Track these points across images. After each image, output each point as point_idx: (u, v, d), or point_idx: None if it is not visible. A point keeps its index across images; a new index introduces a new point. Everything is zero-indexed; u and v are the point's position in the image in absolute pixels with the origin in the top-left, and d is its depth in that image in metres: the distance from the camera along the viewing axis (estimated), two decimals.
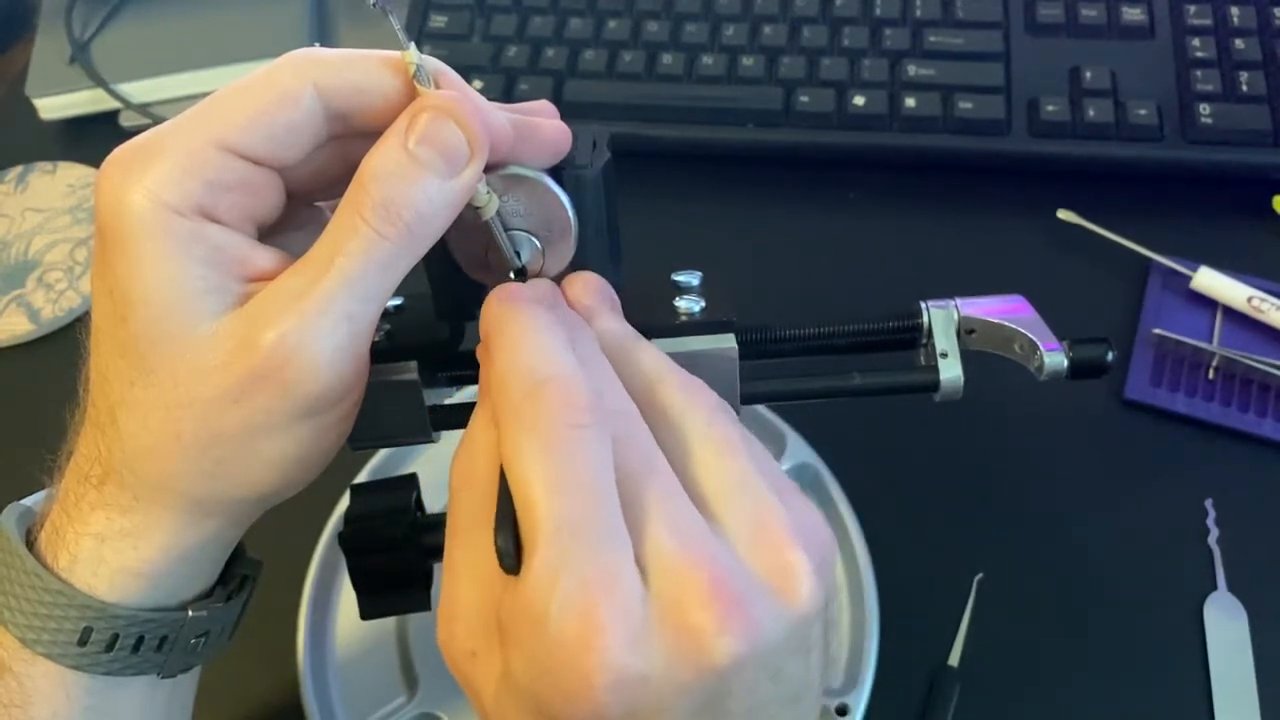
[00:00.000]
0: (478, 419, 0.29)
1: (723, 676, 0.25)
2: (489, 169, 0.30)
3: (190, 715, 0.37)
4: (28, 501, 0.34)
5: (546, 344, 0.28)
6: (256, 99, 0.28)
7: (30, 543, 0.32)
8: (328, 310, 0.28)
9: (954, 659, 0.48)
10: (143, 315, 0.28)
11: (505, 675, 0.26)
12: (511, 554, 0.26)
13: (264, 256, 0.29)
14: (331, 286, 0.28)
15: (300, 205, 0.32)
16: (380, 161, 0.28)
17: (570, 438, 0.26)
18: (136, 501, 0.30)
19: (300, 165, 0.30)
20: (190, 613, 0.33)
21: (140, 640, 0.32)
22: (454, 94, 0.29)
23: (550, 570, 0.25)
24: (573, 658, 0.24)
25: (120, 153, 0.28)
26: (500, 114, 0.30)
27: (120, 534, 0.31)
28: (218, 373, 0.28)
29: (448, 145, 0.28)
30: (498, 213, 0.31)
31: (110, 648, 0.31)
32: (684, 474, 0.28)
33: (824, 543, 0.27)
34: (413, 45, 0.28)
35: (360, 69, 0.29)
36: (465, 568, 0.27)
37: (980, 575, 0.50)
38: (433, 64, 0.29)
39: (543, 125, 0.31)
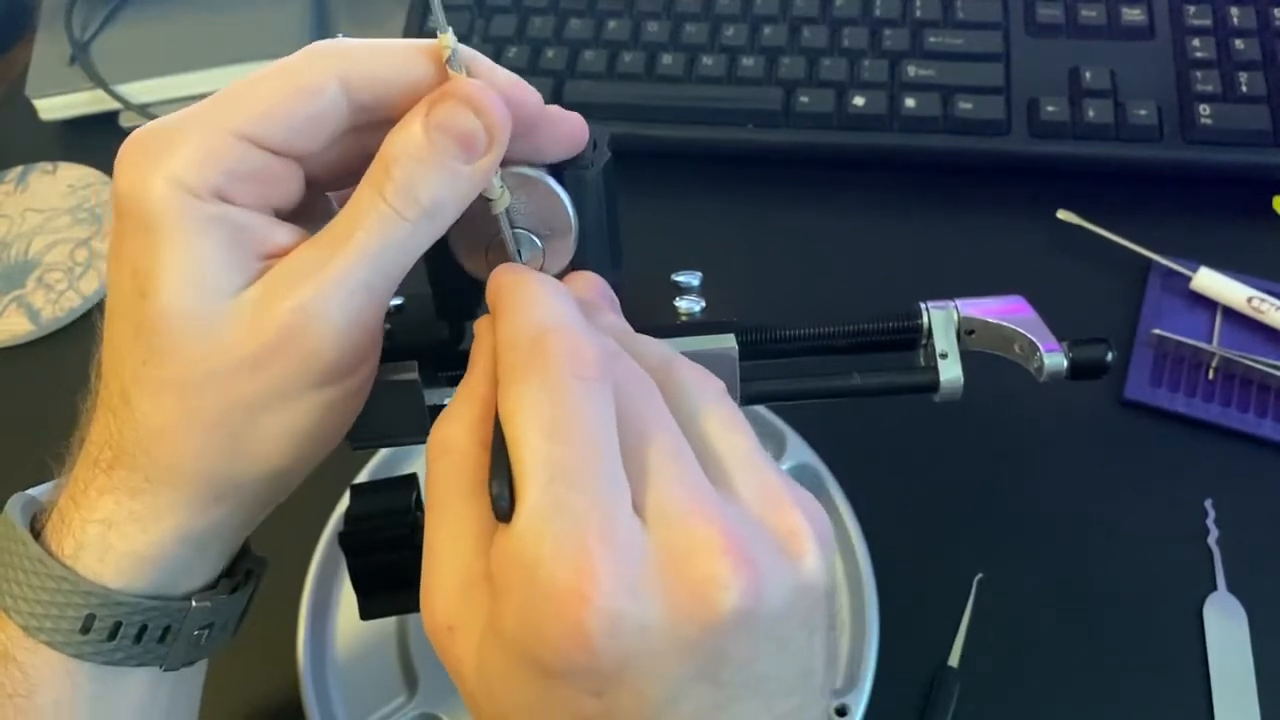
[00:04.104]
0: (459, 392, 0.29)
1: (725, 634, 0.24)
2: (504, 162, 0.30)
3: (196, 712, 0.37)
4: (34, 491, 0.34)
5: (553, 302, 0.28)
6: (279, 90, 0.29)
7: (37, 532, 0.32)
8: (345, 281, 0.28)
9: (954, 659, 0.48)
10: (164, 291, 0.28)
11: (494, 630, 0.25)
12: (506, 499, 0.25)
13: (283, 234, 0.30)
14: (350, 258, 0.28)
15: (318, 192, 0.32)
16: (402, 144, 0.28)
17: (572, 387, 0.26)
18: (147, 484, 0.30)
19: (319, 154, 0.30)
20: (194, 603, 0.33)
21: (143, 629, 0.32)
22: (478, 82, 0.29)
23: (541, 514, 0.24)
24: (565, 603, 0.23)
25: (139, 138, 0.29)
26: (535, 95, 0.30)
27: (129, 518, 0.31)
28: (235, 345, 0.28)
29: (467, 133, 0.28)
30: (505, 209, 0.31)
31: (113, 636, 0.31)
32: (691, 440, 0.27)
33: (825, 526, 0.27)
34: (450, 30, 0.28)
35: (386, 60, 0.29)
36: (443, 539, 0.27)
37: (980, 575, 0.50)
38: (467, 53, 0.29)
39: (564, 115, 0.31)
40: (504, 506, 0.25)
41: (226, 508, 0.32)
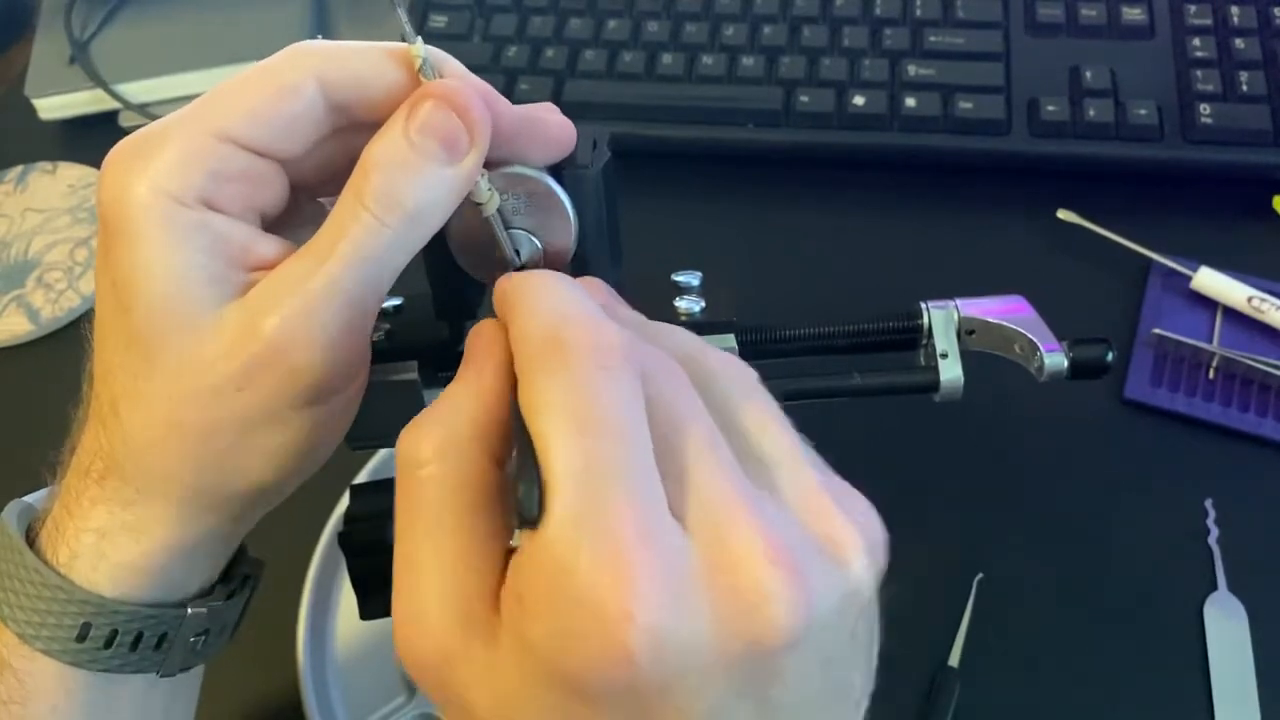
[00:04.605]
0: (444, 399, 0.27)
1: (774, 654, 0.23)
2: (492, 166, 0.30)
3: (192, 714, 0.37)
4: (29, 499, 0.34)
5: (569, 293, 0.27)
6: (257, 90, 0.29)
7: (31, 540, 0.32)
8: (330, 296, 0.28)
9: (954, 659, 0.48)
10: (145, 306, 0.28)
11: (518, 649, 0.23)
12: (535, 501, 0.23)
13: (268, 245, 0.29)
14: (334, 272, 0.28)
15: (305, 199, 0.32)
16: (381, 150, 0.28)
17: (597, 378, 0.24)
18: (138, 495, 0.30)
19: (304, 158, 0.30)
20: (190, 610, 0.33)
21: (139, 637, 0.32)
22: (455, 82, 0.29)
23: (574, 517, 0.22)
24: (607, 619, 0.21)
25: (123, 146, 0.28)
26: (507, 104, 0.30)
27: (121, 528, 0.31)
28: (220, 361, 0.28)
29: (448, 133, 0.28)
30: (498, 210, 0.31)
31: (109, 644, 0.31)
32: (727, 435, 0.25)
33: (875, 527, 0.26)
34: (419, 39, 0.28)
35: (364, 61, 0.29)
36: (432, 558, 0.25)
37: (980, 575, 0.50)
38: (438, 56, 0.29)
39: (549, 120, 0.31)
40: (533, 510, 0.23)
41: (217, 518, 0.32)
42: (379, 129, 0.29)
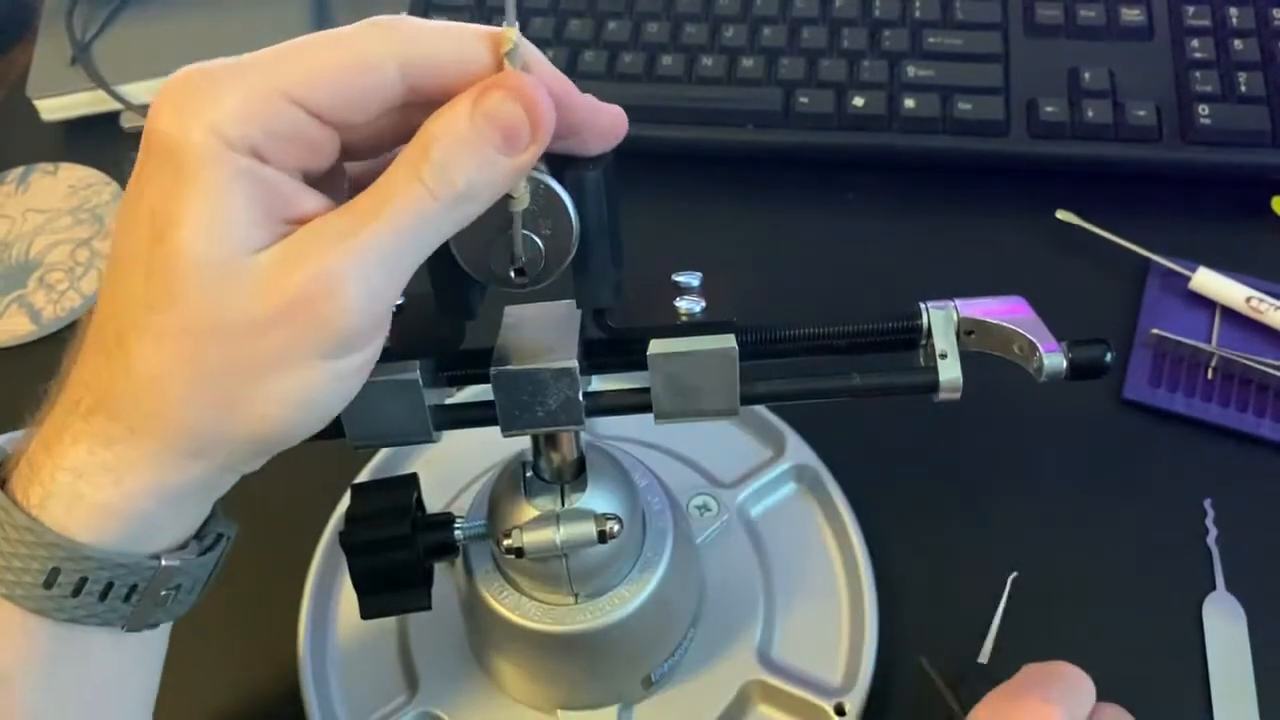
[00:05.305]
0: None
1: None
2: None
3: (157, 680, 0.36)
4: (0, 439, 0.33)
5: None
6: (336, 58, 0.29)
7: (2, 480, 0.31)
8: (370, 252, 0.28)
9: (983, 657, 0.48)
10: (183, 237, 0.28)
11: None
12: None
13: (311, 200, 0.29)
14: (378, 230, 0.28)
15: (343, 162, 0.32)
16: (443, 126, 0.28)
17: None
18: (130, 434, 0.30)
19: (361, 127, 0.30)
20: (163, 562, 0.32)
21: (109, 587, 0.31)
22: (530, 78, 0.29)
23: None
24: None
25: (187, 77, 0.28)
26: (580, 96, 0.31)
27: (101, 468, 0.30)
28: (249, 302, 0.28)
29: (511, 126, 0.28)
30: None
31: (77, 592, 0.30)
32: None
33: None
34: (516, 25, 0.29)
35: (450, 45, 0.29)
36: None
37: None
38: (529, 49, 0.30)
39: (605, 107, 0.32)
40: None
41: (203, 466, 0.31)
42: (441, 105, 0.29)
